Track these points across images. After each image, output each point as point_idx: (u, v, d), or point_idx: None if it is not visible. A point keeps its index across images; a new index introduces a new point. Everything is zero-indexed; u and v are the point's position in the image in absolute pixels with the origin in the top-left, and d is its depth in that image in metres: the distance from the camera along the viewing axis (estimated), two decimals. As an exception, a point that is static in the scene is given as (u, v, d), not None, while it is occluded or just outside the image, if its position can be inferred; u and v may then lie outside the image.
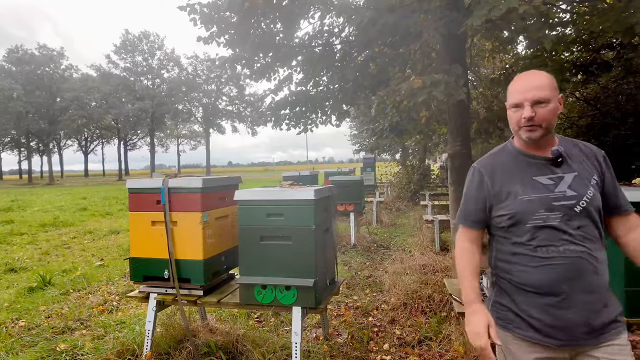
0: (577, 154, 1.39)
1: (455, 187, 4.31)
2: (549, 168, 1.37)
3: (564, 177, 1.35)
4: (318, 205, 2.48)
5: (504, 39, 4.27)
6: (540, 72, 1.38)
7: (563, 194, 1.33)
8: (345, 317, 3.74)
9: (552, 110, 1.33)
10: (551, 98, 1.33)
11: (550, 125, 1.35)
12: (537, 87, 1.33)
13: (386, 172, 15.35)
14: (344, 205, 6.85)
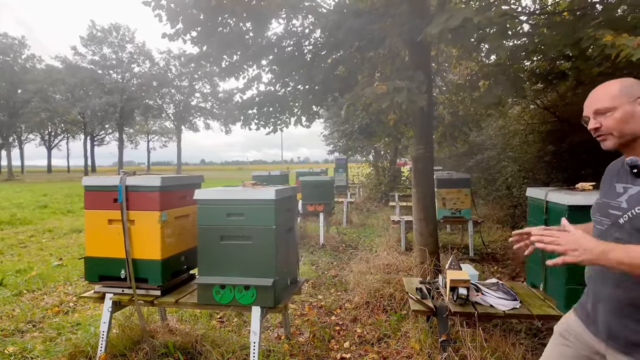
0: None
1: (418, 189, 4.42)
2: (629, 176, 1.35)
3: (631, 187, 1.33)
4: (279, 205, 2.50)
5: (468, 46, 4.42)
6: (607, 83, 1.39)
7: (619, 204, 1.34)
8: (308, 316, 3.78)
9: (619, 117, 1.32)
10: (615, 106, 1.32)
11: (625, 132, 1.32)
12: (596, 99, 1.37)
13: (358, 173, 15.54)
14: (313, 206, 6.89)
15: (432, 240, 4.46)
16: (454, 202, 6.28)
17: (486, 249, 6.35)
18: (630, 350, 1.27)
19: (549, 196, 2.52)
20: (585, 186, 2.55)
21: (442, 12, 3.10)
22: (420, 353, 2.86)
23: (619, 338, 1.30)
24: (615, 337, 1.32)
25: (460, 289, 2.54)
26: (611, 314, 1.33)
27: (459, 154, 11.67)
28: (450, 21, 2.75)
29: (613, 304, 1.33)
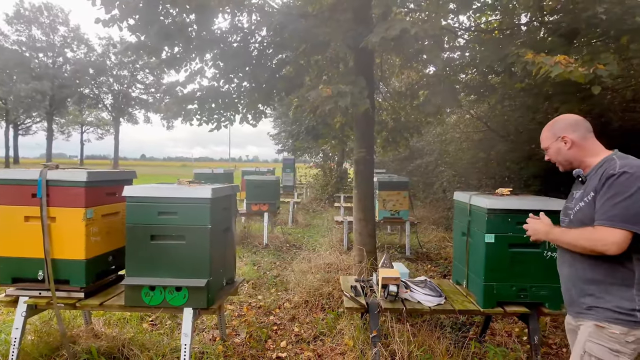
0: (598, 174, 1.63)
1: (358, 191, 4.56)
2: (579, 184, 1.77)
3: (578, 192, 1.75)
4: (215, 204, 2.46)
5: (408, 56, 4.64)
6: (546, 126, 1.84)
7: (572, 205, 1.76)
8: (246, 317, 3.74)
9: (552, 153, 1.80)
10: (548, 146, 1.81)
11: (564, 160, 1.77)
12: (541, 139, 1.86)
13: (306, 173, 15.63)
14: (258, 205, 6.83)
15: (370, 240, 4.62)
16: (393, 203, 6.54)
17: (421, 248, 6.70)
18: (583, 314, 1.65)
19: (472, 200, 2.73)
20: (504, 191, 2.80)
21: (383, 22, 3.23)
22: (353, 349, 2.95)
23: (575, 306, 1.70)
24: (572, 305, 1.72)
25: (391, 286, 2.66)
26: (568, 288, 1.74)
27: (401, 158, 12.19)
28: (390, 31, 2.87)
29: (570, 280, 1.73)
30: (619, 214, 1.50)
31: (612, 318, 1.55)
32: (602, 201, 1.55)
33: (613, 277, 1.58)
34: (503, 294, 2.55)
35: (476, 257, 2.65)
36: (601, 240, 1.52)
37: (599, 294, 1.60)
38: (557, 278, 2.53)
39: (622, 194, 1.51)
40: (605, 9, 2.96)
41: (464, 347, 3.01)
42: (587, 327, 1.62)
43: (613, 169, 1.56)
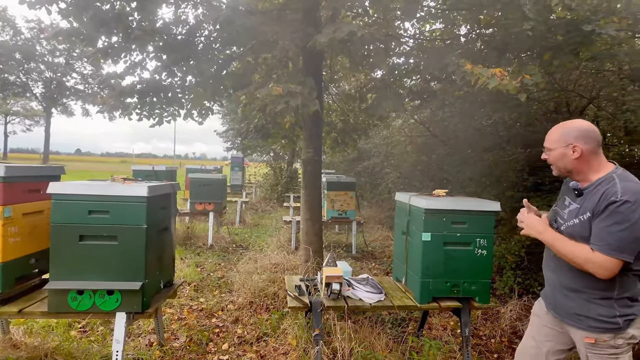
0: (597, 193, 1.65)
1: (306, 191, 4.59)
2: (574, 195, 1.78)
3: (572, 204, 1.78)
4: (152, 202, 2.34)
5: (355, 59, 4.74)
6: (555, 127, 1.79)
7: (564, 215, 1.80)
8: (187, 320, 3.60)
9: (555, 156, 1.76)
10: (554, 148, 1.76)
11: (565, 167, 1.76)
12: (547, 139, 1.80)
13: (255, 172, 15.41)
14: (202, 205, 6.61)
15: (317, 239, 4.66)
16: (340, 203, 6.66)
17: (367, 247, 6.88)
18: (568, 319, 1.76)
19: (411, 200, 2.85)
20: (440, 192, 2.95)
21: (331, 24, 3.27)
22: (296, 349, 2.96)
23: (561, 310, 1.80)
24: (558, 309, 1.82)
25: (334, 284, 2.70)
26: (553, 292, 1.85)
27: (350, 159, 12.43)
28: (337, 33, 2.92)
29: (554, 285, 1.84)
30: (615, 244, 1.55)
31: (597, 327, 1.67)
32: (601, 226, 1.59)
33: (595, 288, 1.67)
34: (438, 289, 2.69)
35: (414, 254, 2.77)
36: (594, 264, 1.59)
37: (582, 303, 1.71)
38: (487, 273, 2.73)
39: (621, 223, 1.55)
40: (532, 26, 3.23)
41: (403, 341, 3.14)
42: (580, 339, 1.74)
43: (615, 195, 1.58)
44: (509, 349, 3.34)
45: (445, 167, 6.59)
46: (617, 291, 1.66)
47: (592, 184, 1.70)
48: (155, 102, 4.16)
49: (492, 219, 2.71)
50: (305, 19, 3.69)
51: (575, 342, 1.82)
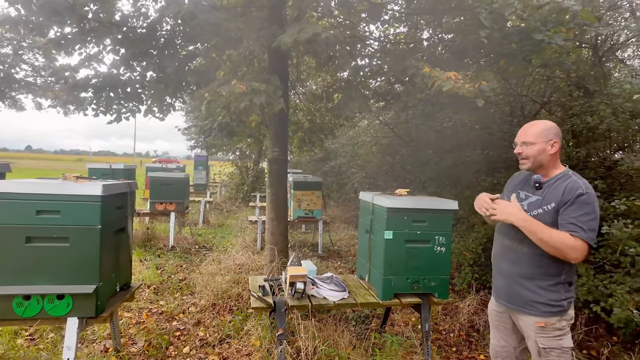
0: (557, 187, 1.84)
1: (272, 190, 4.55)
2: (532, 188, 1.94)
3: (531, 197, 1.93)
4: (107, 202, 2.24)
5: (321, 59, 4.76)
6: (534, 123, 1.94)
7: (522, 206, 1.92)
8: (146, 324, 3.48)
9: (535, 150, 1.88)
10: (535, 142, 1.88)
11: (540, 161, 1.89)
12: (526, 133, 1.92)
13: (220, 171, 15.10)
14: (163, 204, 6.40)
15: (282, 239, 4.64)
16: (307, 203, 6.67)
17: (333, 246, 6.94)
18: (522, 307, 1.91)
19: (375, 199, 2.91)
20: (402, 192, 3.03)
21: (296, 23, 3.26)
22: (260, 349, 2.93)
23: (516, 299, 1.94)
24: (513, 300, 1.95)
25: (298, 283, 2.70)
26: (505, 282, 1.99)
27: (317, 159, 12.48)
28: (302, 33, 2.92)
29: (511, 276, 1.96)
30: (590, 231, 1.74)
31: (547, 312, 1.85)
32: (574, 216, 1.76)
33: (549, 274, 1.85)
34: (399, 286, 2.75)
35: (377, 252, 2.82)
36: (577, 250, 1.73)
37: (536, 290, 1.87)
38: (446, 270, 2.83)
39: (590, 214, 1.75)
40: (487, 34, 3.38)
41: (366, 338, 3.19)
42: (531, 325, 1.90)
43: (580, 189, 1.78)
44: (467, 342, 3.48)
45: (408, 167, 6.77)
46: (564, 276, 1.86)
47: (552, 178, 1.89)
48: (113, 98, 3.98)
49: (450, 218, 2.81)
50: (270, 17, 3.66)
51: (524, 330, 1.96)
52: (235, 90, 3.13)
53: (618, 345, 3.25)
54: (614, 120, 3.79)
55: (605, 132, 4.18)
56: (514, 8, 3.18)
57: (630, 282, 3.05)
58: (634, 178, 4.08)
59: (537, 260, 1.86)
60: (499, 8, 3.30)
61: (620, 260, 3.23)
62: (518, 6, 3.16)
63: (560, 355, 1.86)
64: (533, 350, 1.93)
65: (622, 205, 3.17)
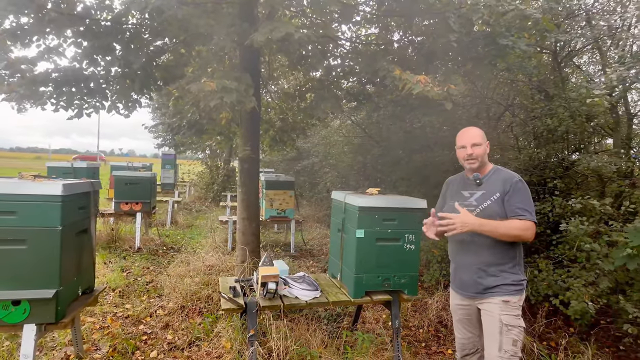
0: (495, 179, 2.10)
1: (243, 189, 4.49)
2: (472, 185, 2.16)
3: (476, 192, 2.13)
4: (68, 202, 2.14)
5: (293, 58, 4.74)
6: (474, 128, 2.18)
7: (470, 203, 2.12)
8: (111, 328, 3.34)
9: (482, 150, 2.12)
10: (482, 143, 2.13)
11: (482, 160, 2.12)
12: (473, 136, 2.13)
13: (189, 170, 14.74)
14: (129, 205, 6.17)
15: (254, 239, 4.59)
16: (279, 202, 6.63)
17: (305, 245, 6.94)
18: (490, 292, 2.06)
19: (347, 199, 2.93)
20: (373, 191, 3.06)
21: (268, 22, 3.23)
22: (231, 351, 2.89)
23: (481, 287, 2.08)
24: (478, 288, 2.09)
25: (270, 283, 2.68)
26: (469, 274, 2.12)
27: (290, 158, 12.44)
28: (274, 33, 2.89)
29: (475, 267, 2.10)
30: (532, 211, 2.00)
31: (513, 291, 2.04)
32: (517, 201, 2.00)
33: (507, 258, 2.06)
34: (371, 284, 2.79)
35: (349, 251, 2.84)
36: (531, 230, 1.97)
37: (499, 274, 2.05)
38: (415, 267, 2.89)
39: (529, 196, 2.03)
40: (457, 37, 3.49)
41: (338, 337, 3.21)
42: (496, 304, 2.05)
43: (514, 177, 2.06)
44: (435, 337, 3.57)
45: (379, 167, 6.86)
46: (518, 259, 2.08)
47: (487, 174, 2.16)
48: (75, 93, 3.79)
49: (419, 216, 2.87)
50: (241, 14, 3.61)
51: (489, 312, 2.07)
52: (205, 88, 3.06)
53: (575, 336, 3.44)
54: (571, 122, 4.00)
55: (563, 134, 4.42)
56: (481, 13, 3.29)
57: (586, 276, 3.23)
58: (589, 178, 4.33)
59: (495, 247, 2.05)
60: (466, 13, 3.40)
61: (577, 256, 3.41)
62: (485, 12, 3.27)
63: (518, 334, 2.02)
64: (493, 330, 2.03)
65: (578, 203, 3.35)
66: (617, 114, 4.26)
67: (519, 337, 2.01)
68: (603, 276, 3.19)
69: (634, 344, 3.24)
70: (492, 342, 2.03)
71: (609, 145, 4.71)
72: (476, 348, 2.27)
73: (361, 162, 7.93)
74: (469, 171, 2.19)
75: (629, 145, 4.18)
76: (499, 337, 2.00)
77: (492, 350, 2.02)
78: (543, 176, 4.33)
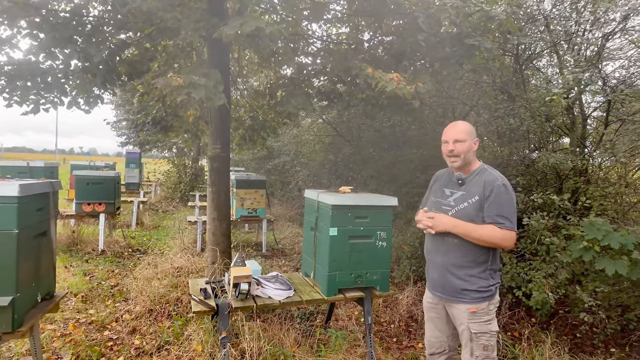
0: (477, 181, 2.02)
1: (213, 189, 4.39)
2: (455, 185, 2.10)
3: (456, 192, 2.08)
4: (26, 203, 2.01)
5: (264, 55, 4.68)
6: (461, 123, 2.10)
7: (449, 202, 2.09)
8: (73, 335, 3.18)
9: (466, 147, 2.01)
10: (466, 139, 2.01)
11: (465, 157, 2.03)
12: (457, 132, 2.04)
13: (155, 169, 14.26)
14: (91, 205, 5.90)
15: (225, 239, 4.50)
16: (251, 202, 6.55)
17: (277, 244, 6.89)
18: (455, 296, 2.04)
19: (320, 197, 2.93)
20: (345, 190, 3.08)
21: (238, 17, 3.17)
22: (202, 354, 2.83)
23: (449, 289, 2.06)
24: (446, 290, 2.08)
25: (242, 284, 2.64)
26: (442, 274, 2.09)
27: (261, 157, 12.30)
28: (245, 27, 2.84)
29: (443, 267, 2.08)
30: (513, 220, 1.94)
31: (479, 297, 2.01)
32: (497, 208, 1.93)
33: (476, 262, 2.01)
34: (343, 281, 2.81)
35: (322, 249, 2.85)
36: (509, 240, 1.93)
37: (467, 278, 2.01)
38: (387, 264, 2.93)
39: (511, 205, 1.96)
40: (425, 37, 3.56)
41: (311, 335, 3.22)
42: (464, 312, 2.03)
43: (497, 181, 1.97)
44: (406, 332, 3.65)
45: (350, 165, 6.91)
46: (490, 264, 2.03)
47: (471, 173, 2.07)
48: (30, 87, 3.57)
49: (390, 213, 2.92)
50: (210, 8, 3.52)
51: (457, 318, 2.10)
52: (172, 83, 2.96)
53: (536, 326, 3.61)
54: (532, 122, 4.19)
55: (524, 133, 4.62)
56: (449, 13, 3.37)
57: (546, 268, 3.41)
58: (548, 175, 4.56)
59: (466, 249, 2.01)
60: (435, 13, 3.47)
61: (538, 249, 3.59)
62: (452, 12, 3.36)
63: (489, 339, 2.03)
64: (465, 337, 2.07)
65: (539, 199, 3.52)
66: (573, 114, 4.50)
67: (489, 341, 2.02)
68: (561, 268, 3.37)
69: (590, 331, 3.45)
70: (465, 347, 2.08)
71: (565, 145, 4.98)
72: (443, 349, 2.27)
73: (332, 160, 7.97)
74: (453, 169, 2.14)
75: (583, 144, 4.43)
76: (470, 344, 2.04)
77: (465, 355, 2.07)
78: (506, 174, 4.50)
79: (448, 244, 2.07)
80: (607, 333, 3.30)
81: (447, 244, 2.08)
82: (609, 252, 3.02)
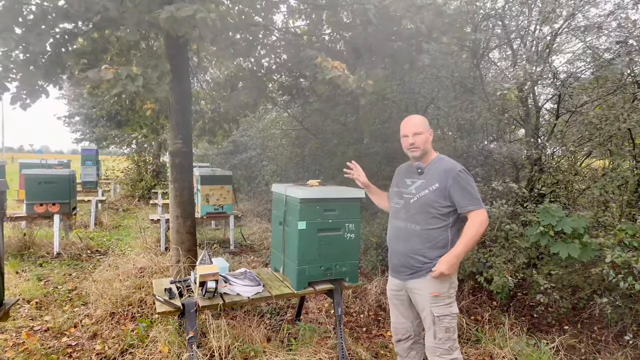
0: (436, 169, 2.15)
1: (175, 185, 4.24)
2: (415, 174, 2.23)
3: (417, 181, 2.20)
4: (-34, 206, 1.85)
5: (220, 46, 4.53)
6: (417, 116, 2.26)
7: (410, 191, 2.22)
8: (26, 344, 2.99)
9: (424, 138, 2.17)
10: (423, 131, 2.18)
11: (424, 148, 2.18)
12: (415, 125, 2.20)
13: (114, 167, 13.62)
14: (44, 206, 5.54)
15: (189, 237, 4.38)
16: (217, 198, 6.40)
17: (245, 241, 6.80)
18: (414, 274, 2.18)
19: (287, 191, 2.91)
20: (313, 183, 3.07)
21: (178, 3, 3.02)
22: (169, 355, 2.74)
23: (408, 270, 2.19)
24: (405, 271, 2.21)
25: (209, 282, 2.58)
26: (402, 259, 2.22)
27: (226, 152, 12.05)
28: (180, 11, 2.70)
29: (404, 252, 2.20)
30: (479, 199, 2.08)
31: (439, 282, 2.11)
32: (464, 191, 2.06)
33: (435, 246, 2.13)
34: (313, 274, 2.81)
35: (291, 243, 2.83)
36: (485, 220, 2.07)
37: (427, 261, 2.13)
38: (355, 255, 2.96)
39: (473, 186, 2.10)
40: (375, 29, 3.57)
41: (281, 330, 3.21)
42: (426, 297, 2.13)
43: (456, 167, 2.11)
44: (375, 322, 3.72)
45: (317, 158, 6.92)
46: (449, 247, 2.14)
47: (430, 163, 2.22)
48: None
49: (358, 205, 2.95)
50: (161, 0, 3.36)
51: (420, 303, 2.19)
52: (105, 75, 2.80)
53: (497, 309, 3.80)
54: (488, 114, 4.36)
55: (482, 125, 4.81)
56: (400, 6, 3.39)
57: (506, 254, 3.58)
58: (505, 165, 4.77)
59: (426, 235, 2.14)
60: (387, 5, 3.47)
61: (498, 235, 3.76)
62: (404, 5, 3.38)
63: (450, 321, 2.15)
64: (428, 321, 2.17)
65: (499, 186, 3.68)
66: (527, 107, 4.73)
67: (451, 323, 2.14)
68: (519, 253, 3.55)
69: (545, 311, 3.67)
70: (428, 331, 2.18)
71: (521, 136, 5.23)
72: (409, 334, 2.37)
73: (299, 154, 7.94)
74: (413, 159, 2.27)
75: (537, 135, 4.67)
76: (433, 327, 2.14)
77: (428, 338, 2.18)
78: (466, 164, 4.67)
79: (409, 231, 2.19)
80: (560, 312, 3.52)
81: (409, 232, 2.19)
82: (562, 236, 3.22)
